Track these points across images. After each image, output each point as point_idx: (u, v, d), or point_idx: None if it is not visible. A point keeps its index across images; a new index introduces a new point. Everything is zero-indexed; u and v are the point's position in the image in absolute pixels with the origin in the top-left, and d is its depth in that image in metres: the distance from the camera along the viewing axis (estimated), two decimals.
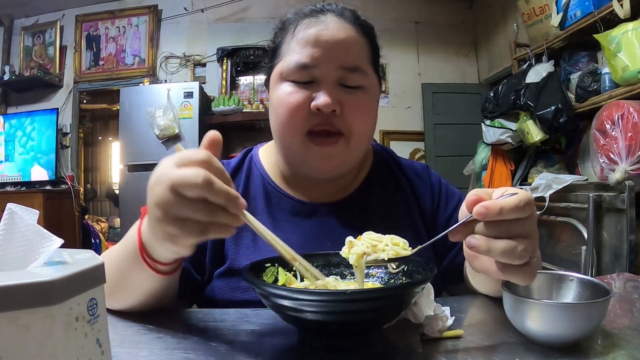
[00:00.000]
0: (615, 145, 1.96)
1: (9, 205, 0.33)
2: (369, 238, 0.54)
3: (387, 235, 0.54)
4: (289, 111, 0.69)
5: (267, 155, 0.83)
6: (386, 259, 0.52)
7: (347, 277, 0.62)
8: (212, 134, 0.49)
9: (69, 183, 4.04)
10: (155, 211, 0.45)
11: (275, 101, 0.71)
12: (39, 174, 3.98)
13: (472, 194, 0.47)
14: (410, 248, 0.53)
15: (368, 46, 0.74)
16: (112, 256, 0.61)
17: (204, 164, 0.44)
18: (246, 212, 0.48)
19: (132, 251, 0.56)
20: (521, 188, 2.51)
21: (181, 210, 0.43)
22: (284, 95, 0.69)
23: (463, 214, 0.49)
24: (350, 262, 0.53)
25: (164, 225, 0.45)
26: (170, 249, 0.49)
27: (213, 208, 0.43)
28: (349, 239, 0.54)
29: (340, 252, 0.54)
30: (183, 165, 0.44)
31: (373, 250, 0.52)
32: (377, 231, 0.57)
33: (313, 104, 0.67)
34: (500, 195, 0.47)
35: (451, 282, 0.78)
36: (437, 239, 0.51)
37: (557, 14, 2.57)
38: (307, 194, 0.78)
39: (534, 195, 2.37)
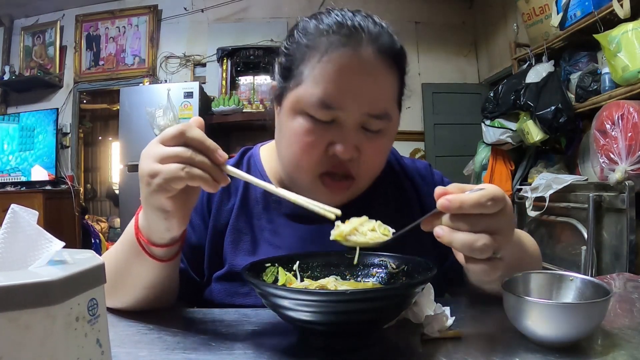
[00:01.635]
0: (615, 145, 1.96)
1: (13, 206, 0.33)
2: (355, 220, 0.56)
3: (373, 221, 0.56)
4: (304, 150, 0.64)
5: (269, 156, 0.81)
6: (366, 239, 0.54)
7: (347, 277, 0.62)
8: (195, 118, 0.54)
9: (69, 183, 4.03)
10: (144, 164, 0.51)
11: (290, 133, 0.66)
12: (39, 174, 3.98)
13: (440, 187, 0.49)
14: (392, 233, 0.55)
15: (398, 82, 0.68)
16: (111, 255, 0.62)
17: (183, 126, 0.51)
18: (229, 166, 0.52)
19: (129, 243, 0.58)
20: (521, 188, 2.50)
21: (165, 154, 0.50)
22: (301, 131, 0.64)
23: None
24: (332, 238, 0.55)
25: (153, 174, 0.50)
26: (159, 202, 0.51)
27: (195, 152, 0.50)
28: (337, 222, 0.55)
29: (331, 237, 0.55)
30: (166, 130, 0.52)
31: (355, 229, 0.55)
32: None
33: (332, 151, 0.64)
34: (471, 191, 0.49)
35: (454, 283, 0.78)
36: (410, 228, 0.53)
37: (557, 14, 2.56)
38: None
39: (534, 195, 2.37)
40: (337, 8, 0.68)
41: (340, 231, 0.54)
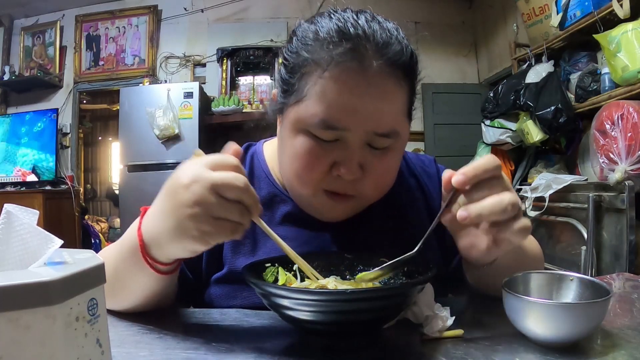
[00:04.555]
0: (615, 145, 1.96)
1: (6, 207, 0.33)
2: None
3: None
4: (306, 170, 0.61)
5: (273, 153, 0.77)
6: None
7: (348, 277, 0.62)
8: (234, 146, 0.52)
9: (69, 183, 4.03)
10: (193, 210, 0.47)
11: (292, 151, 0.62)
12: (39, 174, 3.98)
13: (443, 177, 0.51)
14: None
15: (408, 94, 0.63)
16: (109, 257, 0.61)
17: (237, 169, 0.48)
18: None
19: (131, 252, 0.56)
20: (521, 188, 2.50)
21: (221, 210, 0.46)
22: (302, 151, 0.60)
23: (444, 196, 0.53)
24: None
25: (201, 223, 0.47)
26: (193, 247, 0.50)
27: (244, 210, 0.47)
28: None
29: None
30: (218, 168, 0.47)
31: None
32: (384, 239, 0.59)
33: (336, 171, 0.61)
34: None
35: (458, 284, 0.77)
36: (432, 229, 0.54)
37: (557, 14, 2.57)
38: None
39: (534, 195, 2.37)
40: (339, 10, 0.63)
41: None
